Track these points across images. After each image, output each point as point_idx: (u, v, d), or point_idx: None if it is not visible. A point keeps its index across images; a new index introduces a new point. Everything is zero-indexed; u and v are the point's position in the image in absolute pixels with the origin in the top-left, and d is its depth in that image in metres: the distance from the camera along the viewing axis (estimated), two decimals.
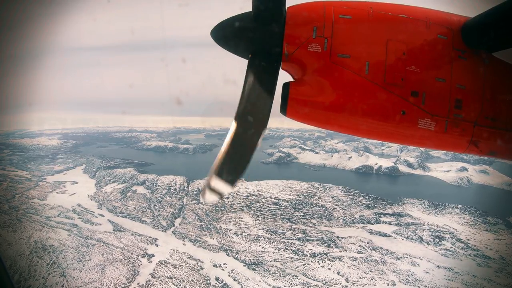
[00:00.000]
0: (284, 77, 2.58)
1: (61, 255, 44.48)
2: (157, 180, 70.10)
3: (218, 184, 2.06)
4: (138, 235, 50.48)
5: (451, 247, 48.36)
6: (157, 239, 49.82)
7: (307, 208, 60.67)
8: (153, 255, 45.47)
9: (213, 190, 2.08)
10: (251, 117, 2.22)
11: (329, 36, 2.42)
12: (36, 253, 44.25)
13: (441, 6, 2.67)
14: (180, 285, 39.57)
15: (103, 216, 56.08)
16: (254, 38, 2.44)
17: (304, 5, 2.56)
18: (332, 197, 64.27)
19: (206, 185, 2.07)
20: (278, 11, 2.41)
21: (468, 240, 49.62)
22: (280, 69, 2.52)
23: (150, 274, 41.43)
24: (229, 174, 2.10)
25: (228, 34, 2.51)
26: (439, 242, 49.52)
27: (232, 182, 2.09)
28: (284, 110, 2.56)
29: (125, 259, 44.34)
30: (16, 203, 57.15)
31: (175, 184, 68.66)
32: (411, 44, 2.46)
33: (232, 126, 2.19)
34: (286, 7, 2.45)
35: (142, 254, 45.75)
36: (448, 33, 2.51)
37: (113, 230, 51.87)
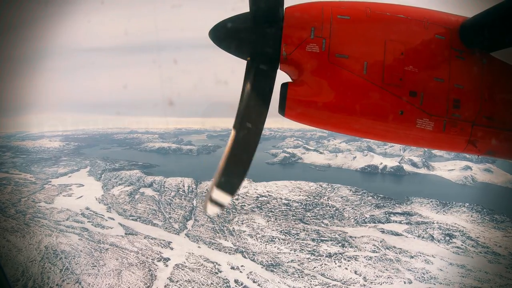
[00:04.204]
0: (282, 77, 2.57)
1: (73, 260, 43.44)
2: (164, 182, 69.29)
3: (219, 195, 2.06)
4: (151, 239, 49.76)
5: (462, 245, 49.49)
6: (171, 242, 49.23)
7: (318, 208, 61.03)
8: (169, 259, 44.91)
9: (214, 202, 2.07)
10: (249, 123, 2.23)
11: (327, 36, 2.41)
12: (48, 259, 43.09)
13: (439, 6, 2.69)
14: None
15: (113, 219, 55.05)
16: (252, 38, 2.43)
17: (302, 5, 2.54)
18: (341, 197, 64.84)
19: (207, 198, 2.07)
20: (276, 11, 2.41)
21: (478, 237, 50.83)
22: (278, 69, 2.52)
23: (168, 278, 40.92)
24: (229, 184, 2.12)
25: (226, 35, 2.50)
26: (450, 240, 50.59)
27: (232, 192, 2.10)
28: (282, 110, 2.54)
29: (140, 263, 43.64)
30: (23, 207, 55.50)
31: (183, 186, 68.04)
32: (409, 44, 2.46)
33: (232, 134, 2.21)
34: (284, 7, 2.46)
35: (158, 257, 45.13)
36: (446, 33, 2.51)
37: (125, 233, 50.99)
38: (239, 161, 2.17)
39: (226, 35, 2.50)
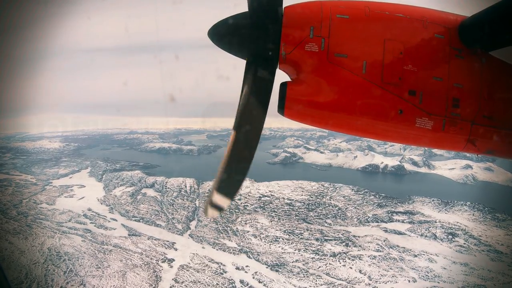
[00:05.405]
0: (281, 77, 2.60)
1: (77, 262, 43.12)
2: (166, 182, 68.97)
3: (219, 199, 2.12)
4: (155, 239, 49.55)
5: (465, 244, 49.76)
6: (175, 242, 49.05)
7: (321, 208, 61.10)
8: (173, 260, 44.76)
9: (214, 205, 2.13)
10: (248, 125, 2.28)
11: (326, 35, 2.42)
12: (51, 261, 42.74)
13: (438, 5, 2.71)
14: None
15: (116, 220, 54.75)
16: (251, 38, 2.44)
17: (301, 4, 2.55)
18: (343, 197, 64.96)
19: (208, 201, 2.14)
20: (275, 10, 2.42)
21: (480, 236, 51.14)
22: (277, 69, 2.53)
23: (173, 279, 40.77)
24: (229, 188, 2.17)
25: (225, 34, 2.49)
26: (453, 239, 50.86)
27: (231, 195, 2.16)
28: (281, 110, 2.54)
29: (145, 265, 43.43)
30: (24, 209, 54.97)
31: (185, 186, 67.78)
32: (408, 43, 2.47)
33: (231, 136, 2.26)
34: (283, 6, 2.46)
35: (162, 258, 44.95)
36: (445, 32, 2.52)
37: (128, 234, 50.72)
38: (238, 165, 2.18)
39: (225, 34, 2.48)
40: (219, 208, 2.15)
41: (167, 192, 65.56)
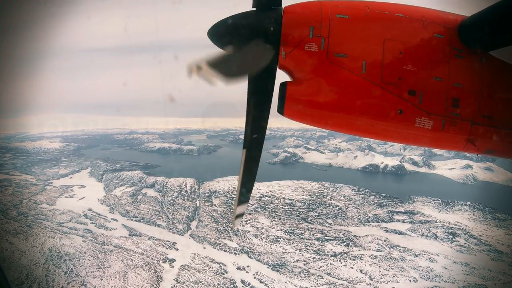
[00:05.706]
0: (281, 77, 2.61)
1: (78, 262, 43.02)
2: (166, 182, 68.88)
3: (240, 209, 2.51)
4: (155, 240, 49.48)
5: (465, 243, 49.84)
6: (176, 243, 48.99)
7: (321, 208, 61.11)
8: (174, 260, 44.70)
9: (238, 216, 2.55)
10: (255, 134, 2.46)
11: (326, 35, 2.42)
12: (52, 261, 42.61)
13: (438, 5, 2.73)
14: None
15: (117, 220, 54.65)
16: (251, 38, 2.45)
17: (301, 4, 2.56)
18: (344, 197, 64.99)
19: (234, 216, 2.59)
20: (274, 10, 2.44)
21: (480, 236, 51.23)
22: (277, 68, 2.56)
23: (174, 279, 40.73)
24: (244, 196, 2.60)
25: (225, 34, 2.52)
26: (453, 239, 50.93)
27: (247, 200, 2.64)
28: (281, 110, 2.56)
29: (146, 265, 43.37)
30: (25, 209, 54.80)
31: (186, 186, 67.71)
32: (408, 43, 2.47)
33: (243, 154, 2.46)
34: (283, 6, 2.49)
35: (163, 259, 44.89)
36: (445, 32, 2.53)
37: (129, 235, 50.63)
38: (250, 175, 2.56)
39: (225, 34, 2.49)
40: (241, 215, 2.55)
41: (168, 192, 65.47)
